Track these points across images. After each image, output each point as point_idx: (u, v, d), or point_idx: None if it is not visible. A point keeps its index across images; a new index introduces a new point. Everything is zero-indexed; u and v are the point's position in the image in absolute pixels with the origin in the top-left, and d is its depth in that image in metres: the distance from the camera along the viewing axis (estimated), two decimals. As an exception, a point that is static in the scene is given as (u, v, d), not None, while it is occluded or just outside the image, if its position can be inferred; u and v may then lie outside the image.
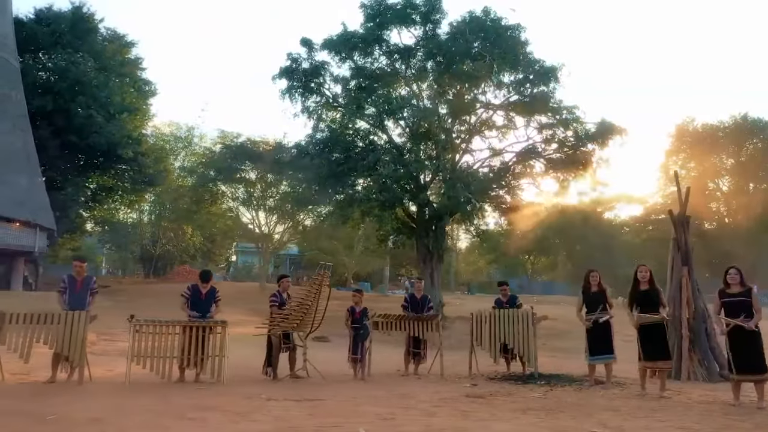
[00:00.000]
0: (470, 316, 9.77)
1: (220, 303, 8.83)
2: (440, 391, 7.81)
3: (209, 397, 6.91)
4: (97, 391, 7.24)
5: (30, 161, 25.67)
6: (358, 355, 9.06)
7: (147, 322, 8.08)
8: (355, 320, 9.25)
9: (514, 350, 9.51)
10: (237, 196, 37.26)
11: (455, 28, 21.50)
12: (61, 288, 8.33)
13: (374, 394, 7.49)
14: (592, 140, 20.93)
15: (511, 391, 7.85)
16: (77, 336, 7.76)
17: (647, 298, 7.79)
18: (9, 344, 7.59)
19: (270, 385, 8.11)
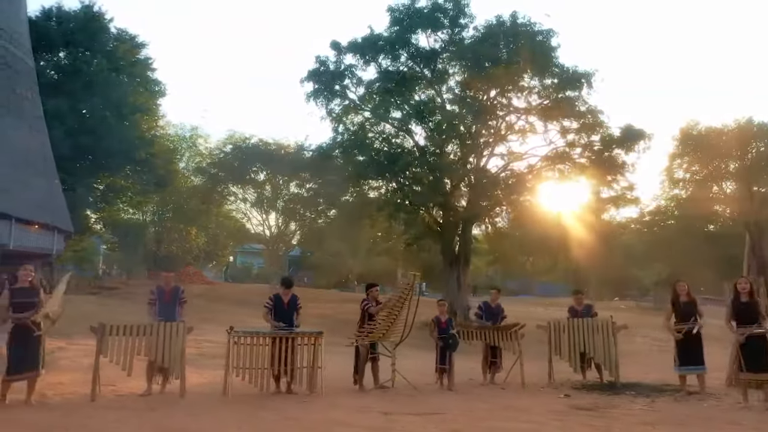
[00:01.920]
0: (547, 324, 9.78)
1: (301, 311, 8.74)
2: (544, 402, 7.80)
3: (324, 411, 6.87)
4: (207, 404, 7.18)
5: (47, 163, 25.31)
6: (446, 366, 9.03)
7: (245, 333, 8.01)
8: (442, 330, 9.21)
9: (594, 359, 9.53)
10: (246, 197, 37.21)
11: (484, 32, 21.52)
12: (151, 299, 8.25)
13: (479, 406, 7.49)
14: (620, 145, 21.02)
15: (612, 402, 7.85)
16: (176, 347, 7.69)
17: (748, 309, 7.82)
18: (111, 356, 7.49)
19: (371, 397, 8.05)
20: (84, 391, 8.00)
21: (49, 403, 7.05)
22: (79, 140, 28.95)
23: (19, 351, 6.87)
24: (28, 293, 7.03)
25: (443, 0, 21.41)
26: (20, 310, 6.92)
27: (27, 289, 7.04)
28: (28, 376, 6.94)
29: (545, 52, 20.53)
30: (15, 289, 7.02)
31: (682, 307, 8.57)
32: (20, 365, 6.85)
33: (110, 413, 6.44)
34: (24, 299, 6.97)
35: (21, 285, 7.05)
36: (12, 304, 6.93)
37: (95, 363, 7.44)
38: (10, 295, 6.96)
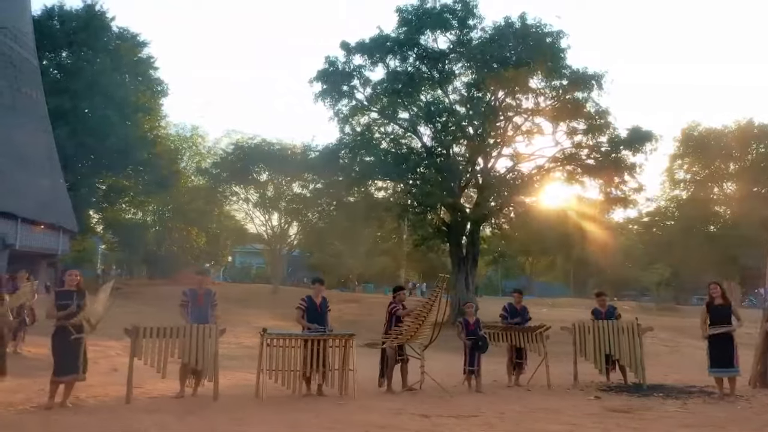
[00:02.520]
0: (572, 326, 9.81)
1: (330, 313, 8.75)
2: (575, 404, 7.82)
3: (361, 413, 6.86)
4: (244, 406, 7.15)
5: (52, 163, 25.26)
6: (475, 367, 9.04)
7: (278, 335, 8.01)
8: (470, 332, 9.22)
9: (620, 361, 9.56)
10: (248, 197, 37.09)
11: (492, 33, 21.55)
12: (183, 301, 8.22)
13: (512, 408, 7.49)
14: (627, 146, 21.09)
15: (645, 404, 7.87)
16: (209, 349, 7.66)
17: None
18: (145, 359, 7.47)
19: (402, 400, 8.05)
20: (114, 393, 8.01)
21: (85, 406, 7.03)
22: (82, 140, 28.92)
23: (62, 353, 6.87)
24: (72, 296, 7.01)
25: (452, 1, 21.41)
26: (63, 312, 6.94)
27: (71, 292, 7.03)
28: (72, 378, 6.93)
29: (554, 54, 20.56)
30: (61, 292, 7.02)
31: (716, 309, 8.58)
32: (64, 367, 6.85)
33: (151, 416, 6.42)
34: (67, 301, 6.95)
35: (68, 288, 7.04)
36: (57, 306, 6.92)
37: (129, 365, 7.41)
38: (56, 297, 6.96)
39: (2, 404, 6.91)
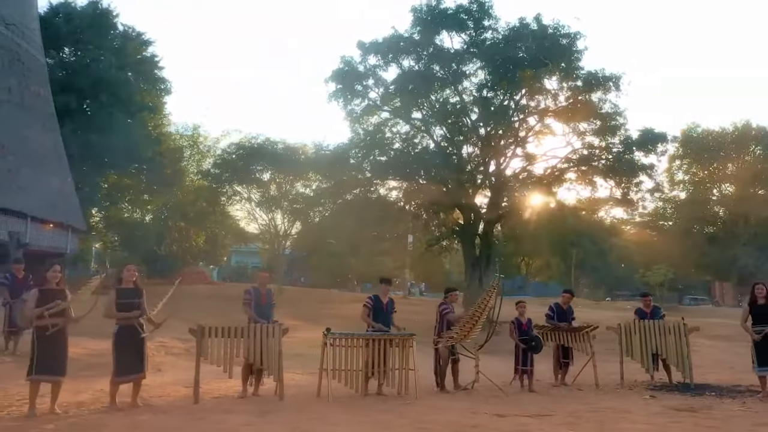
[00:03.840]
0: (617, 326, 9.89)
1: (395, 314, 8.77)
2: (635, 404, 7.88)
3: (439, 413, 6.86)
4: (315, 406, 7.13)
5: (60, 161, 24.99)
6: (528, 367, 9.09)
7: (342, 335, 8.00)
8: (522, 332, 9.27)
9: (667, 360, 9.65)
10: (250, 196, 36.97)
11: (507, 34, 21.63)
12: (246, 300, 8.18)
13: (578, 408, 7.52)
14: (640, 147, 21.27)
15: (704, 403, 7.94)
16: (273, 349, 7.65)
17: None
18: (211, 359, 7.44)
19: (467, 399, 8.08)
20: (174, 394, 7.98)
21: (156, 406, 6.99)
22: (87, 138, 28.67)
23: (126, 353, 6.78)
24: (133, 294, 6.95)
25: (468, 1, 21.46)
26: (125, 311, 6.83)
27: (132, 290, 6.95)
28: (135, 378, 6.85)
29: (569, 55, 20.66)
30: (120, 290, 6.91)
31: (759, 309, 8.68)
32: (128, 367, 6.76)
33: (232, 416, 6.40)
34: (129, 299, 6.88)
35: (125, 285, 6.96)
36: (117, 305, 6.83)
37: (196, 365, 7.38)
38: (117, 296, 6.86)
39: (72, 404, 6.85)
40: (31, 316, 6.41)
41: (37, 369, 6.32)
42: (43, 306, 6.49)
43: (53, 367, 6.41)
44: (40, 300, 6.43)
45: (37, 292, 6.49)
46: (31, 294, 6.55)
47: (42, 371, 6.34)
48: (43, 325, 6.39)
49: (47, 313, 6.36)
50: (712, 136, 42.77)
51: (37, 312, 6.36)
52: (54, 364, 6.41)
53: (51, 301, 6.40)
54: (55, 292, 6.52)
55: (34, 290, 6.55)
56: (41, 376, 6.37)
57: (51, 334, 6.41)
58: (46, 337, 6.38)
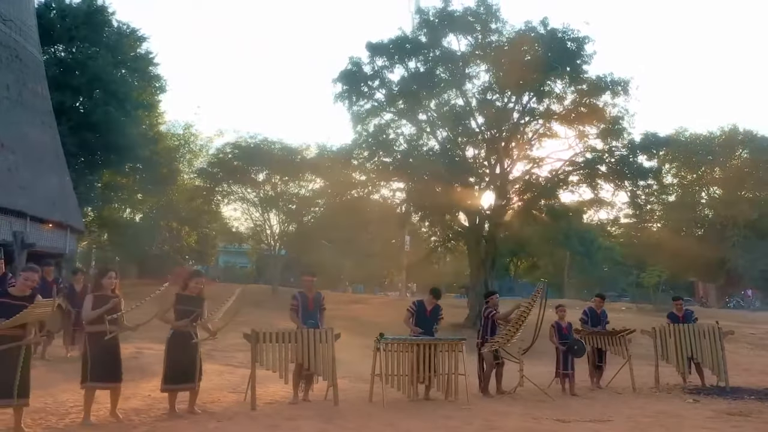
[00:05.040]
0: (652, 330, 10.00)
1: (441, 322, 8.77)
2: (684, 408, 7.99)
3: (501, 418, 6.89)
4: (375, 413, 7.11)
5: (59, 159, 24.55)
6: (569, 371, 9.15)
7: (394, 340, 7.99)
8: (563, 336, 9.33)
9: (702, 364, 9.78)
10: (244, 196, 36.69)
11: (513, 38, 21.72)
12: (293, 305, 8.12)
13: (632, 412, 7.59)
14: (643, 151, 21.51)
15: (750, 407, 8.04)
16: (327, 354, 7.61)
17: None
18: (267, 364, 7.38)
19: (519, 403, 8.10)
20: (224, 399, 7.89)
21: (216, 413, 6.91)
22: (83, 136, 28.30)
23: (178, 360, 6.65)
24: (195, 302, 6.86)
25: (475, 4, 21.53)
26: (184, 317, 6.75)
27: (194, 298, 6.87)
28: (187, 387, 6.74)
29: (577, 59, 20.82)
30: (182, 296, 6.82)
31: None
32: (179, 376, 6.66)
33: (298, 423, 6.37)
34: (189, 307, 6.79)
35: (189, 293, 6.87)
36: (176, 311, 6.75)
37: (251, 371, 7.32)
38: (177, 302, 6.77)
39: (127, 411, 6.73)
40: (87, 320, 6.28)
41: (92, 376, 6.19)
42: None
43: (109, 373, 6.28)
44: (94, 306, 6.29)
45: (93, 297, 6.36)
46: (86, 299, 6.42)
47: (97, 378, 6.22)
48: (100, 331, 6.24)
49: (107, 318, 6.25)
50: (700, 140, 43.39)
51: (93, 315, 6.21)
52: (109, 370, 6.29)
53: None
54: (109, 299, 6.39)
55: (89, 296, 6.42)
56: (97, 383, 6.24)
57: (106, 340, 6.26)
58: (100, 343, 6.24)
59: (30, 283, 5.78)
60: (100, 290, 6.38)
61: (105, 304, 6.25)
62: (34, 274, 5.87)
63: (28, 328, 5.71)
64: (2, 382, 5.50)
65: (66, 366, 9.44)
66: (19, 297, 5.69)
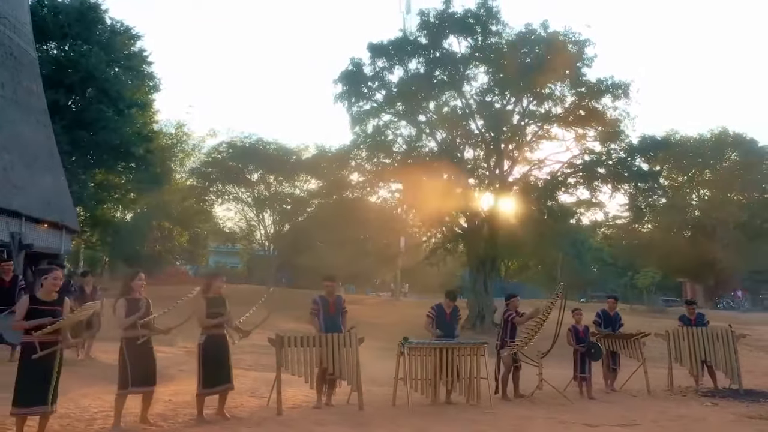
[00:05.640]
0: (666, 333, 10.06)
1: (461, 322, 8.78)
2: (705, 411, 8.04)
3: (529, 424, 6.89)
4: (401, 414, 7.08)
5: (53, 159, 24.24)
6: (586, 374, 9.18)
7: (419, 344, 7.97)
8: (579, 339, 9.35)
9: (716, 367, 9.85)
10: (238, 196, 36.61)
11: (514, 40, 21.80)
12: (313, 310, 8.06)
13: (654, 416, 7.63)
14: (642, 154, 21.68)
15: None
16: (351, 358, 7.57)
17: None
18: (292, 369, 7.33)
19: (541, 407, 8.10)
20: (246, 404, 7.82)
21: (243, 417, 6.85)
22: (76, 135, 28.01)
23: (213, 364, 6.61)
24: (221, 303, 6.81)
25: (476, 7, 21.58)
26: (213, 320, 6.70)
27: (219, 299, 6.82)
28: (223, 389, 6.69)
29: (576, 62, 20.92)
30: (210, 299, 6.75)
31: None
32: (215, 379, 6.60)
33: (327, 428, 6.33)
34: (218, 309, 6.74)
35: (214, 294, 6.81)
36: (208, 314, 6.68)
37: (276, 375, 7.25)
38: (207, 305, 6.70)
39: (154, 416, 6.64)
40: (123, 325, 6.20)
41: (133, 381, 6.11)
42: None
43: (146, 377, 6.22)
44: (128, 310, 6.21)
45: (125, 302, 6.28)
46: (119, 304, 6.32)
47: (137, 383, 6.14)
48: (134, 336, 6.19)
49: (140, 322, 6.18)
50: (691, 142, 43.80)
51: (129, 321, 6.15)
52: (146, 374, 6.22)
53: (137, 310, 6.19)
54: (140, 301, 6.31)
55: (122, 300, 6.32)
56: (137, 388, 6.16)
57: (140, 344, 6.22)
58: (136, 348, 6.18)
59: (58, 283, 5.69)
60: (130, 293, 6.29)
61: (138, 308, 6.18)
62: (60, 273, 5.79)
63: (62, 333, 5.65)
64: (38, 389, 5.43)
65: (81, 370, 9.31)
66: (50, 302, 5.61)
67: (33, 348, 5.44)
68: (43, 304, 5.55)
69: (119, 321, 6.19)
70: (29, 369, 5.45)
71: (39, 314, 5.48)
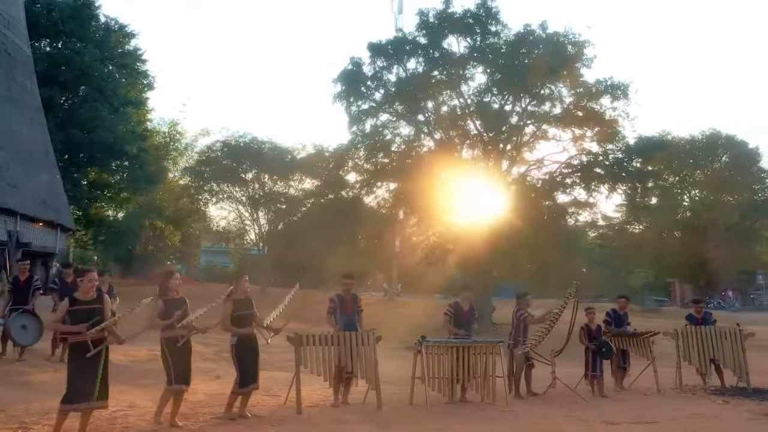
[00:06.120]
0: (674, 332, 10.12)
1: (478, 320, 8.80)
2: (717, 409, 8.09)
3: (548, 422, 6.91)
4: (417, 413, 7.08)
5: (48, 157, 24.06)
6: (598, 372, 9.23)
7: (436, 343, 7.97)
8: (592, 337, 9.40)
9: (724, 365, 9.93)
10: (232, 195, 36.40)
11: (513, 40, 21.87)
12: (330, 308, 8.05)
13: (671, 414, 7.65)
14: (640, 154, 21.83)
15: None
16: (369, 356, 7.57)
17: None
18: (311, 367, 7.31)
19: (558, 406, 8.12)
20: (261, 403, 7.77)
21: (264, 416, 6.83)
22: (70, 133, 27.81)
23: (248, 363, 6.66)
24: (248, 304, 6.81)
25: (476, 7, 21.61)
26: (242, 322, 6.71)
27: (247, 301, 6.82)
28: (255, 388, 6.76)
29: (575, 62, 21.02)
30: (238, 300, 6.76)
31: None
32: (250, 378, 6.63)
33: (351, 427, 6.33)
34: (246, 311, 6.75)
35: (240, 296, 6.80)
36: (233, 317, 6.68)
37: (296, 374, 7.23)
38: (234, 307, 6.69)
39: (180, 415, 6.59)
40: (161, 327, 6.25)
41: (176, 378, 6.19)
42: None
43: (186, 377, 6.30)
44: (166, 311, 6.25)
45: (163, 302, 6.28)
46: (157, 305, 6.33)
47: (180, 381, 6.22)
48: (173, 336, 6.21)
49: (178, 324, 6.20)
50: (682, 143, 44.07)
51: (169, 323, 6.20)
52: (186, 374, 6.31)
53: (175, 310, 6.23)
54: (177, 302, 6.36)
55: (160, 301, 6.33)
56: (181, 386, 6.25)
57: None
58: (177, 348, 6.23)
59: (95, 283, 5.77)
60: (167, 293, 6.33)
61: (175, 309, 6.24)
62: (95, 274, 5.88)
63: (108, 330, 5.70)
64: (85, 385, 5.47)
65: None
66: (90, 301, 5.66)
67: (83, 347, 5.49)
68: (83, 304, 5.64)
69: (156, 322, 6.20)
70: (78, 367, 5.52)
71: (79, 314, 5.58)
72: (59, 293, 10.26)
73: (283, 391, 8.39)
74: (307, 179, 33.55)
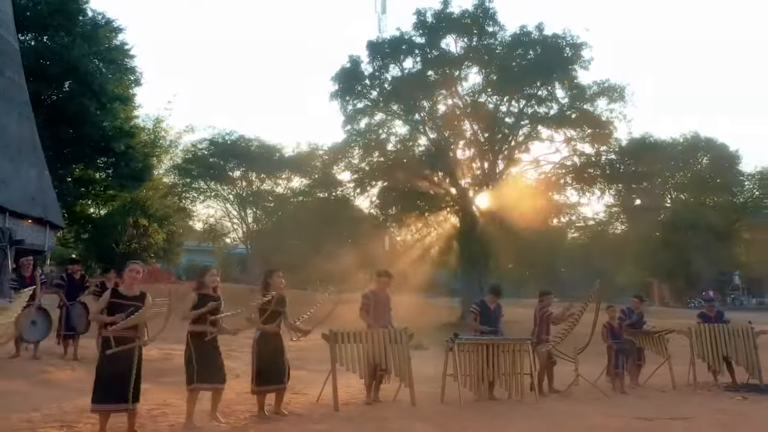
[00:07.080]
0: (688, 330, 10.31)
1: None
2: (740, 405, 8.26)
3: (582, 418, 6.97)
4: (457, 411, 7.09)
5: (37, 152, 23.53)
6: (620, 369, 9.36)
7: (468, 340, 8.00)
8: (615, 335, 9.53)
9: (737, 363, 10.13)
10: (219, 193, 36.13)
11: (509, 41, 22.02)
12: (364, 305, 8.05)
13: (703, 410, 7.76)
14: (632, 156, 22.14)
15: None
16: (403, 354, 7.59)
17: None
18: (347, 364, 7.30)
19: (584, 402, 8.21)
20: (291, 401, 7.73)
21: (303, 415, 6.79)
22: (57, 129, 27.28)
23: (271, 361, 6.55)
24: (282, 302, 6.75)
25: (473, 7, 21.72)
26: (269, 319, 6.63)
27: (282, 299, 6.76)
28: (278, 388, 6.64)
29: (572, 64, 21.24)
30: (273, 297, 6.69)
31: None
32: (272, 376, 6.54)
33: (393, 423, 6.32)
34: (278, 308, 6.69)
35: (275, 293, 6.73)
36: (263, 312, 6.61)
37: (332, 371, 7.21)
38: (267, 303, 6.63)
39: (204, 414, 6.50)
40: (187, 318, 6.10)
41: (198, 377, 6.00)
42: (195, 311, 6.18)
43: (213, 374, 6.10)
44: (196, 305, 6.11)
45: (195, 296, 6.18)
46: (188, 298, 6.22)
47: (203, 379, 6.03)
48: (202, 331, 6.08)
49: (211, 319, 6.08)
50: (663, 145, 44.75)
51: (194, 314, 6.05)
52: (214, 371, 6.11)
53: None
54: (212, 299, 6.21)
55: (192, 294, 6.23)
56: (203, 384, 6.05)
57: (208, 341, 6.13)
58: (203, 344, 6.08)
59: (137, 276, 5.68)
60: (203, 289, 6.20)
61: (207, 304, 6.07)
62: (139, 267, 5.80)
63: (140, 329, 5.55)
64: (116, 385, 5.33)
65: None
66: (131, 297, 5.52)
67: (111, 343, 5.33)
68: (124, 299, 5.52)
69: (187, 314, 6.09)
70: (107, 364, 5.38)
71: (119, 308, 5.48)
72: (66, 290, 10.12)
73: (307, 389, 8.39)
74: (296, 177, 33.37)
